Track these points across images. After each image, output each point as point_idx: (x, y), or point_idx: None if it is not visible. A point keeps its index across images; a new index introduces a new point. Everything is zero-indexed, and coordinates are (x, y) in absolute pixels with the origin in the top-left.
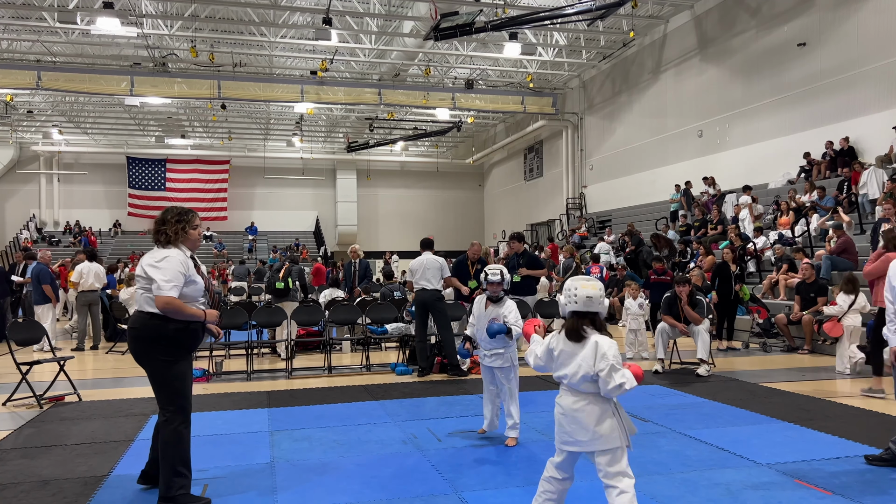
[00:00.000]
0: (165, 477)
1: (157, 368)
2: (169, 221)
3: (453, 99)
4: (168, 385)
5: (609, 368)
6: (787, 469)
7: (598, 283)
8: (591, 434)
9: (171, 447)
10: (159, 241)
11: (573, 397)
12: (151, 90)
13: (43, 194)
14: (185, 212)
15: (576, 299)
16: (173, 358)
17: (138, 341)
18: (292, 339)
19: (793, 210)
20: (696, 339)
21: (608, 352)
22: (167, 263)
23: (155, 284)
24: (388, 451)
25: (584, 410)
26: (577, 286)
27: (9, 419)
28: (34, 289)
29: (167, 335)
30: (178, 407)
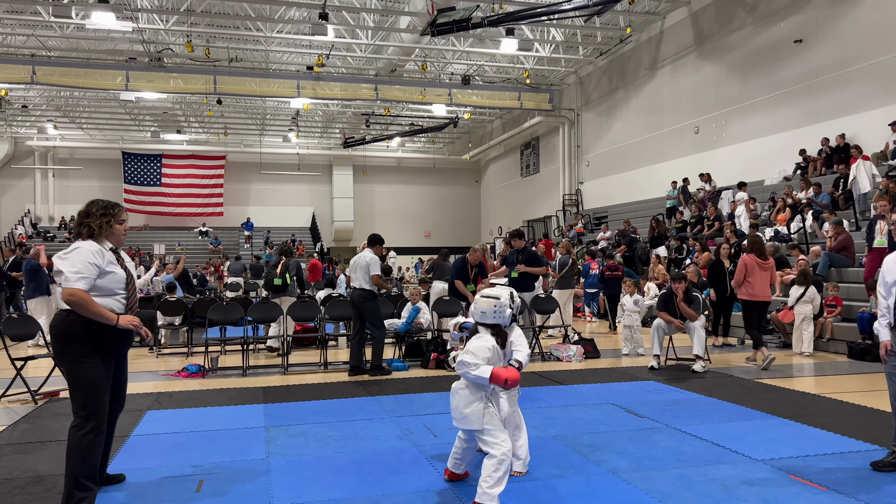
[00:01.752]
0: (67, 488)
1: (69, 369)
2: (94, 214)
3: (450, 95)
4: (79, 388)
5: (462, 359)
6: (782, 465)
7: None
8: (460, 414)
9: (76, 455)
10: (80, 235)
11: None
12: (147, 85)
13: (38, 189)
14: (111, 205)
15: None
16: (86, 358)
17: (54, 339)
18: (288, 335)
19: (789, 206)
20: (692, 336)
21: (473, 347)
22: (77, 255)
23: (62, 276)
24: (384, 446)
25: (458, 392)
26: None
27: (3, 415)
28: (27, 283)
29: (78, 333)
30: (88, 413)
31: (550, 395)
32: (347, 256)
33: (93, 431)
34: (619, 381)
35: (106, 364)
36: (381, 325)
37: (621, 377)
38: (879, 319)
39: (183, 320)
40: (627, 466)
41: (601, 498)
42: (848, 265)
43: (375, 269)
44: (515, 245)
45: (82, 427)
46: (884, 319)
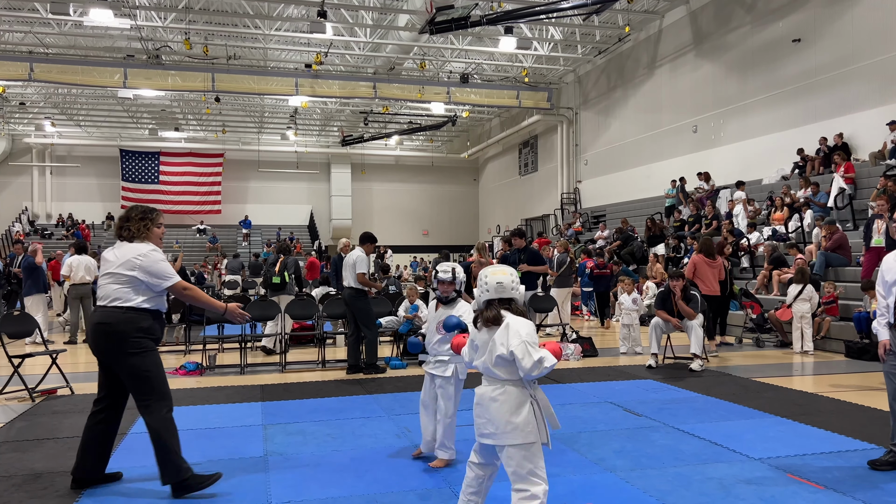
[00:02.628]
0: (172, 465)
1: (134, 362)
2: (133, 219)
3: (448, 93)
4: (147, 377)
5: (522, 344)
6: (779, 464)
7: (509, 269)
8: (502, 426)
9: (167, 434)
10: (123, 237)
11: (488, 386)
12: (145, 82)
13: (35, 187)
14: (150, 209)
15: (486, 287)
16: (147, 349)
17: (109, 335)
18: (286, 333)
19: (786, 206)
20: (690, 334)
21: (521, 330)
22: (157, 255)
23: (160, 273)
24: (382, 444)
25: (497, 400)
26: (487, 274)
27: (0, 412)
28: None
29: (139, 327)
30: (161, 395)
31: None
32: None
33: (170, 410)
34: (617, 380)
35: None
36: (371, 324)
37: (619, 376)
38: (878, 318)
39: (181, 318)
40: (625, 465)
41: (599, 497)
42: (845, 264)
43: (362, 268)
44: (516, 244)
45: (159, 409)
46: (883, 318)
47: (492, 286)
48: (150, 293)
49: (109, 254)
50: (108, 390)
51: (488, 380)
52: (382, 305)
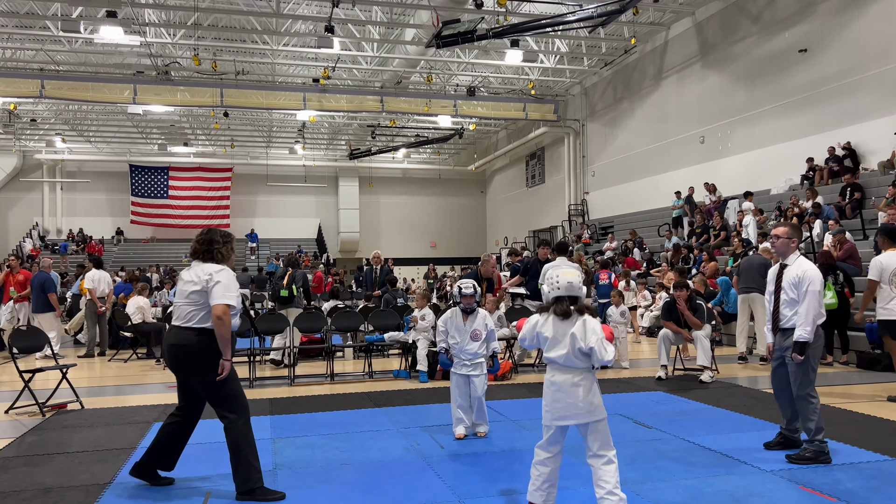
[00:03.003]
0: (243, 472)
1: (210, 381)
2: (218, 242)
3: (455, 106)
4: (228, 393)
5: (600, 340)
6: (792, 476)
7: (576, 269)
8: (587, 406)
9: (245, 445)
10: (210, 259)
11: (568, 374)
12: (154, 98)
13: (46, 202)
14: (229, 234)
15: (558, 285)
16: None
17: (192, 357)
18: (295, 347)
19: (795, 216)
20: (697, 346)
21: (596, 327)
22: (228, 275)
23: (219, 291)
24: (391, 458)
25: (580, 385)
26: (558, 273)
27: (11, 427)
28: (36, 298)
29: (216, 349)
30: (240, 409)
31: None
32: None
33: (248, 422)
34: (627, 392)
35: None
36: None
37: (628, 388)
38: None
39: None
40: (636, 477)
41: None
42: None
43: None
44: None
45: (238, 421)
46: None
47: (563, 285)
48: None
49: (189, 274)
50: (186, 401)
51: (564, 369)
52: (389, 318)
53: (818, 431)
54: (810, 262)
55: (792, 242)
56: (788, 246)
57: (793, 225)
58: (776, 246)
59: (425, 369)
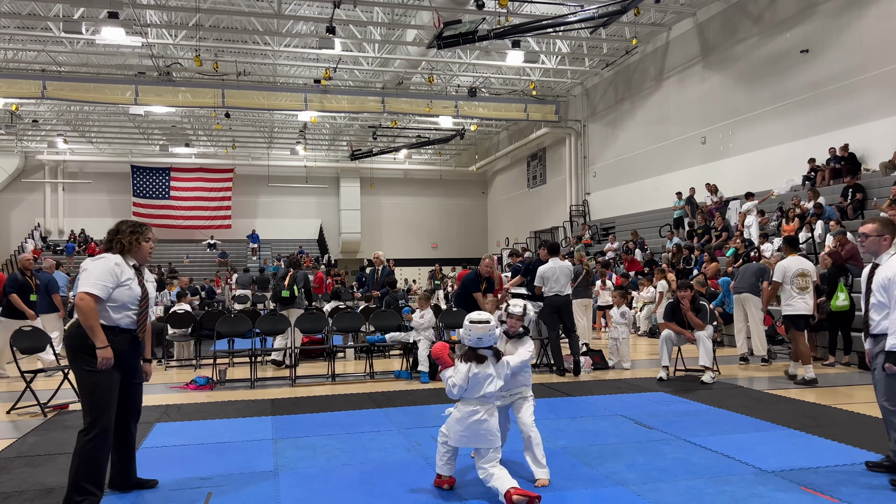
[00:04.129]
0: (68, 490)
1: (79, 376)
2: (123, 232)
3: (456, 107)
4: (87, 394)
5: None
6: (793, 476)
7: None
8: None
9: (78, 458)
10: (111, 250)
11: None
12: (156, 99)
13: (48, 203)
14: (140, 225)
15: (469, 337)
16: (93, 367)
17: (67, 348)
18: (296, 347)
19: (797, 217)
20: (699, 346)
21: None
22: (100, 263)
23: (80, 280)
24: (392, 458)
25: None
26: (471, 327)
27: (13, 427)
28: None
29: (88, 342)
30: (94, 418)
31: (559, 406)
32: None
33: (97, 437)
34: (628, 393)
35: (115, 373)
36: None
37: (630, 388)
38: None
39: (191, 332)
40: (637, 478)
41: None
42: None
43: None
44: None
45: (88, 432)
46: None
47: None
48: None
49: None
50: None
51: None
52: (391, 319)
53: None
54: None
55: (884, 240)
56: (880, 244)
57: (883, 219)
58: (865, 245)
59: (426, 370)
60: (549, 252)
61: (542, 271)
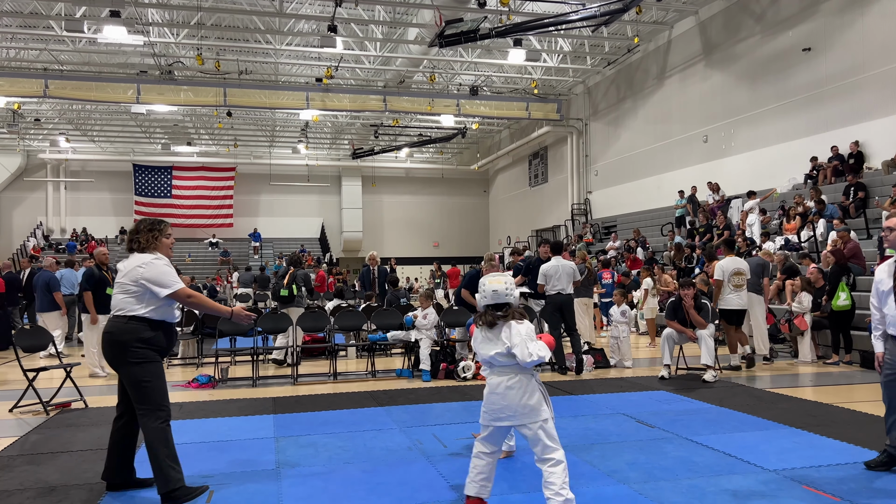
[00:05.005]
0: (162, 474)
1: (132, 371)
2: (142, 231)
3: (458, 105)
4: (144, 387)
5: (522, 342)
6: (795, 475)
7: (505, 277)
8: (522, 408)
9: (159, 444)
10: (132, 249)
11: (504, 376)
12: (158, 98)
13: (50, 202)
14: (157, 222)
15: (485, 293)
16: (146, 359)
17: (112, 345)
18: (298, 346)
19: (799, 215)
20: (701, 345)
21: (522, 330)
22: (161, 263)
23: (162, 281)
24: (394, 457)
25: (513, 388)
26: (486, 282)
27: (15, 426)
28: (41, 297)
29: (139, 336)
30: (157, 405)
31: (560, 405)
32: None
33: (165, 420)
34: (629, 391)
35: (160, 364)
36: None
37: (631, 387)
38: (873, 332)
39: (193, 331)
40: (638, 477)
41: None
42: (860, 273)
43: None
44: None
45: (157, 418)
46: (877, 332)
47: (489, 293)
48: (155, 302)
49: (121, 265)
50: (122, 398)
51: (499, 370)
52: (392, 317)
53: None
54: None
55: None
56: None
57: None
58: (889, 240)
59: (428, 368)
60: (552, 250)
61: (545, 269)
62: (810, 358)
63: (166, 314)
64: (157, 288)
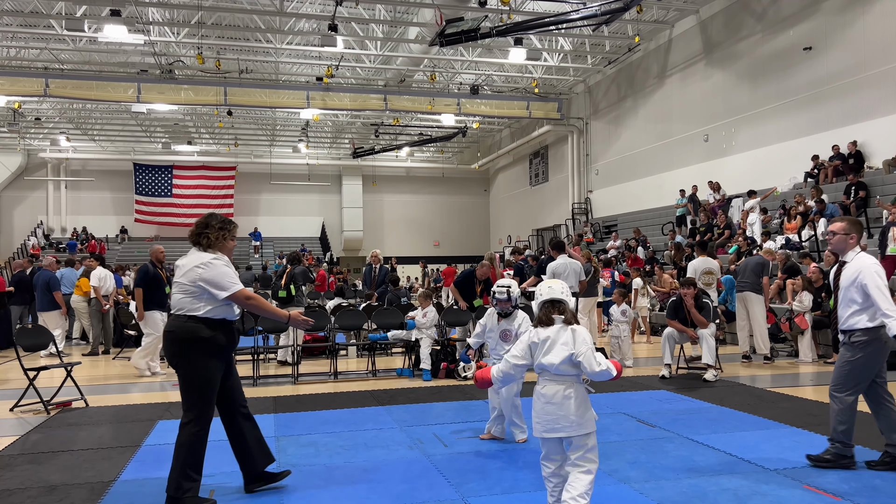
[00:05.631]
0: (176, 478)
1: (187, 371)
2: (212, 226)
3: (458, 104)
4: (194, 388)
5: (589, 351)
6: (795, 474)
7: (560, 281)
8: (578, 419)
9: (185, 449)
10: (199, 244)
11: (559, 385)
12: (158, 97)
13: (50, 201)
14: (228, 221)
15: (541, 292)
16: (205, 361)
17: (174, 342)
18: (298, 345)
19: (800, 214)
20: (702, 344)
21: (587, 337)
22: (221, 264)
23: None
24: (394, 456)
25: (571, 397)
26: (542, 284)
27: (16, 425)
28: (41, 296)
29: (202, 336)
30: (200, 411)
31: None
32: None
33: (202, 429)
34: (630, 391)
35: (221, 365)
36: None
37: (632, 386)
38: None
39: None
40: (639, 476)
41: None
42: None
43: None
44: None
45: (194, 424)
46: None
47: (544, 290)
48: (214, 303)
49: (181, 261)
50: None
51: (555, 380)
52: (393, 317)
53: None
54: (871, 257)
55: (850, 238)
56: (846, 242)
57: (850, 219)
58: (833, 243)
59: (429, 368)
60: (555, 249)
61: (552, 267)
62: (811, 357)
63: (226, 312)
64: (215, 290)
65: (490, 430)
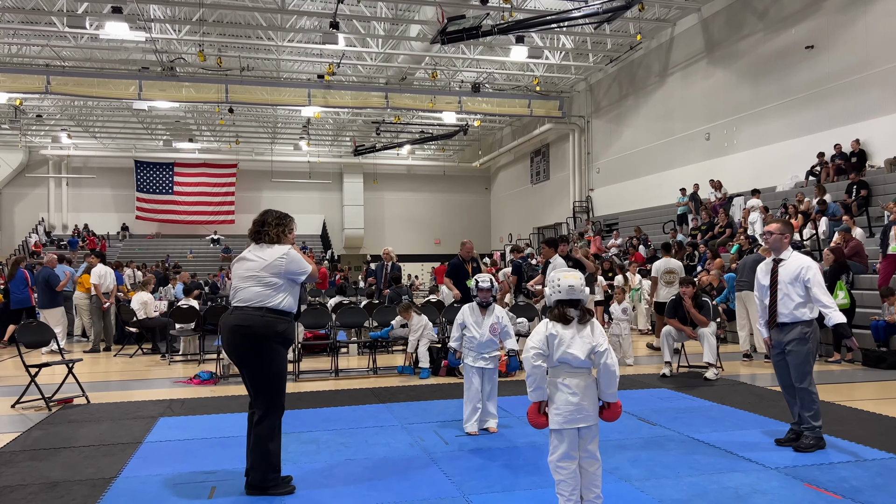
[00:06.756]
0: (263, 471)
1: (263, 365)
2: (269, 223)
3: (460, 102)
4: (272, 382)
5: (607, 346)
6: (796, 473)
7: (578, 273)
8: (593, 408)
9: (272, 442)
10: (262, 240)
11: (578, 378)
12: (159, 94)
13: (52, 198)
14: (284, 216)
15: (559, 289)
16: (280, 356)
17: (248, 337)
18: (299, 342)
19: (801, 213)
20: (703, 343)
21: (603, 331)
22: (296, 253)
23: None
24: (395, 454)
25: (592, 387)
26: (560, 277)
27: (17, 421)
28: (41, 293)
29: (279, 332)
30: (279, 404)
31: None
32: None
33: (278, 419)
34: (631, 389)
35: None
36: None
37: (633, 385)
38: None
39: (195, 327)
40: (640, 474)
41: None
42: (861, 271)
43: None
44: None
45: (276, 416)
46: (762, 319)
47: (564, 288)
48: (291, 292)
49: (249, 254)
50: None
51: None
52: (394, 314)
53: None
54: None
55: (785, 238)
56: (782, 241)
57: (784, 220)
58: (769, 242)
59: (427, 366)
60: (548, 245)
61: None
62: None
63: (294, 304)
64: (298, 275)
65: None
